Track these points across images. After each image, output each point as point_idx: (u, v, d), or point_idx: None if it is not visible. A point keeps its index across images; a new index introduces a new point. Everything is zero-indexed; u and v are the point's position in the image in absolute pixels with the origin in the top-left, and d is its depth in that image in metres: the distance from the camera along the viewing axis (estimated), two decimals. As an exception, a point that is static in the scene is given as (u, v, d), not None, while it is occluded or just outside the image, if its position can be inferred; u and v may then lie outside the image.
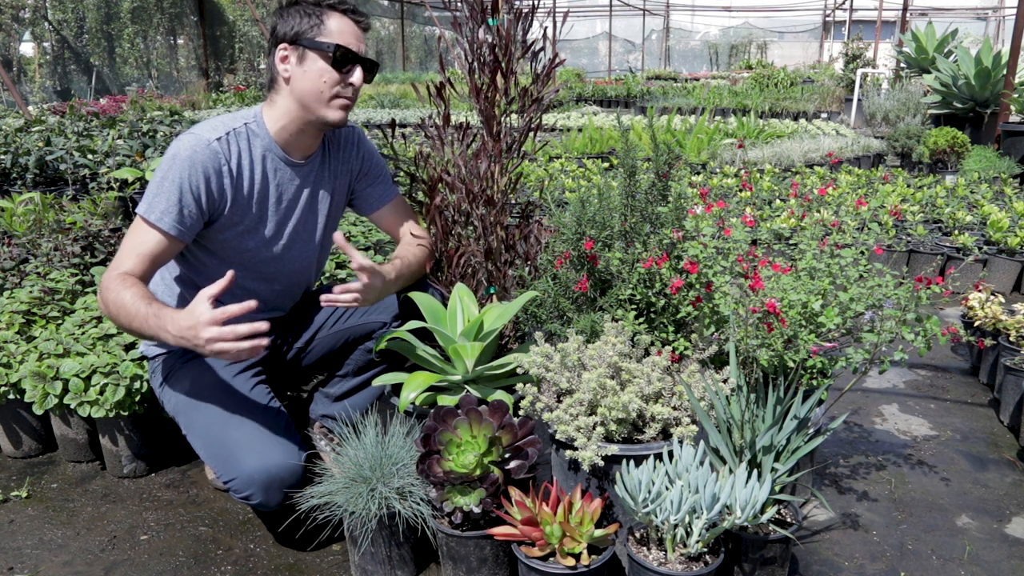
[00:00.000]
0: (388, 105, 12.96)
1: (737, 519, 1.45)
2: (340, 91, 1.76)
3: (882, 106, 9.14)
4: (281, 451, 1.69)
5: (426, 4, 21.54)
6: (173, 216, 1.68)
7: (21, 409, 2.21)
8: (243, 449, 1.67)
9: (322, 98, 1.76)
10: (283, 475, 1.67)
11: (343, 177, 2.01)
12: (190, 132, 1.75)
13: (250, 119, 1.82)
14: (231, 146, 1.77)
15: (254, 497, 1.67)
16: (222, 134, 1.76)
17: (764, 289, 1.72)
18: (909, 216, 4.32)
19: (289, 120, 1.81)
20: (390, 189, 2.09)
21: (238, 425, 1.72)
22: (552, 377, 1.69)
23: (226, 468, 1.68)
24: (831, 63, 19.94)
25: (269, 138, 1.82)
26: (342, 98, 1.78)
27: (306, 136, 1.85)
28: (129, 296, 1.58)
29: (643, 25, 28.05)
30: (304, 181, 1.91)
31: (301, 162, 1.89)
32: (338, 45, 1.72)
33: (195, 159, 1.70)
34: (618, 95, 15.82)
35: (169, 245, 1.70)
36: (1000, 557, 1.79)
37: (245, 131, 1.80)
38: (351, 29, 1.76)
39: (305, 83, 1.75)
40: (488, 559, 1.56)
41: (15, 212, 3.41)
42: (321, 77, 1.74)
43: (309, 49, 1.73)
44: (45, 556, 1.82)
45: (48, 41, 14.31)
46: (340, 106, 1.78)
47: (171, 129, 5.92)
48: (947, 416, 2.53)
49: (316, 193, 1.95)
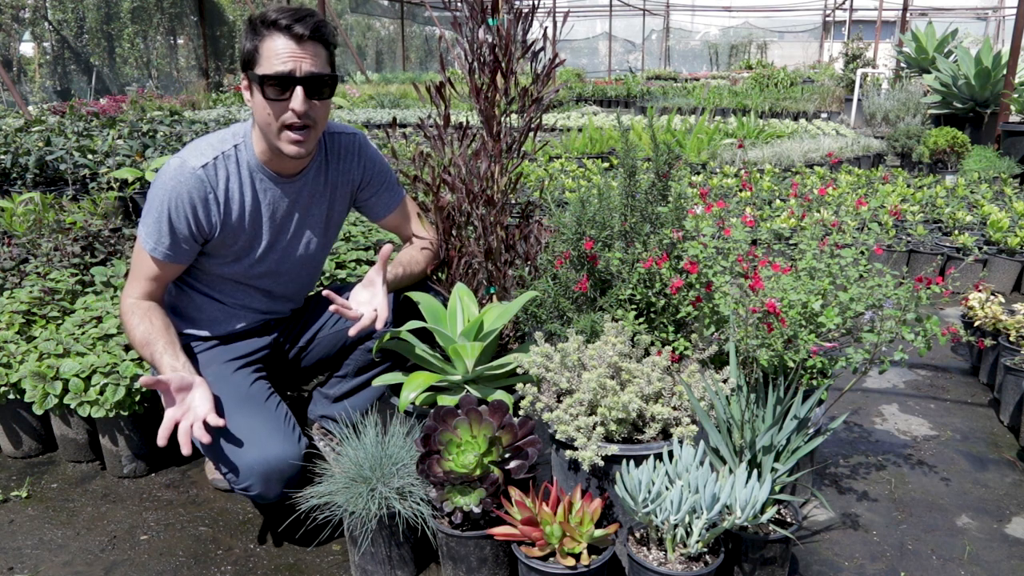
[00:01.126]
0: (388, 105, 12.96)
1: (737, 519, 1.45)
2: (284, 119, 1.66)
3: (882, 106, 9.14)
4: (280, 443, 1.69)
5: (426, 4, 21.54)
6: (165, 246, 1.75)
7: (21, 409, 2.21)
8: (243, 441, 1.68)
9: (271, 129, 1.69)
10: (282, 467, 1.67)
11: (343, 187, 1.96)
12: (178, 156, 1.73)
13: (239, 139, 1.79)
14: (218, 171, 1.75)
15: (253, 488, 1.67)
16: (209, 160, 1.74)
17: (764, 289, 1.72)
18: (909, 216, 4.32)
19: (264, 146, 1.77)
20: (396, 194, 2.06)
21: (238, 418, 1.72)
22: (552, 377, 1.69)
23: (226, 460, 1.68)
24: (831, 63, 19.93)
25: (256, 160, 1.79)
26: (288, 129, 1.68)
27: (284, 160, 1.79)
28: (139, 333, 1.74)
29: (643, 25, 28.04)
30: (297, 196, 1.87)
31: (293, 177, 1.85)
32: (264, 76, 1.63)
33: (180, 189, 1.71)
34: (618, 95, 15.82)
35: (170, 268, 1.79)
36: (1000, 557, 1.79)
37: (234, 153, 1.77)
38: (285, 49, 1.62)
39: (257, 116, 1.71)
40: (488, 559, 1.56)
41: (15, 212, 3.42)
42: (264, 110, 1.67)
43: (252, 82, 1.68)
44: (45, 556, 1.82)
45: (48, 41, 14.31)
46: (289, 140, 1.69)
47: (171, 129, 5.92)
48: (947, 416, 2.53)
49: (310, 206, 1.91)
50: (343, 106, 11.90)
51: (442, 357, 1.90)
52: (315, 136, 1.74)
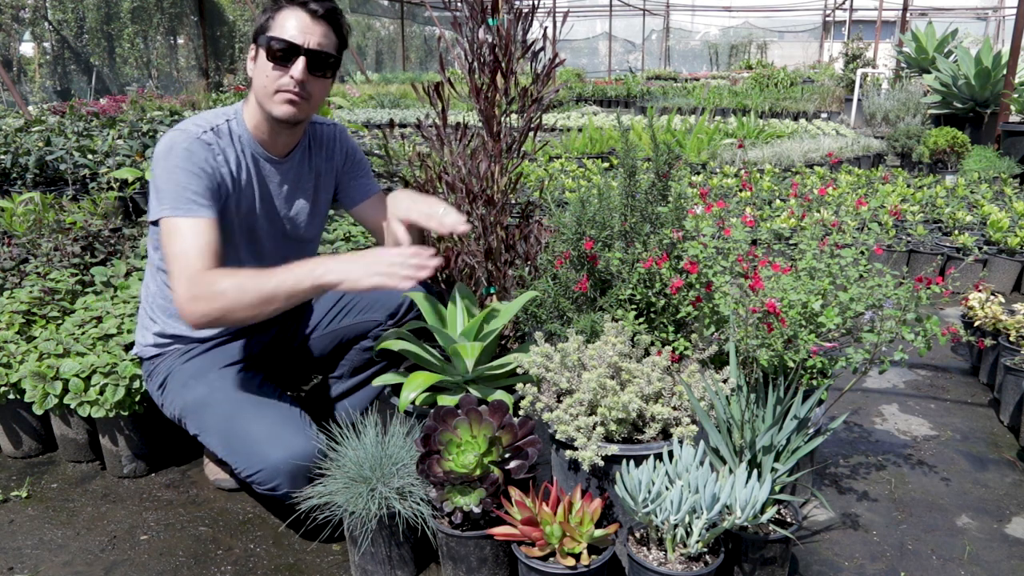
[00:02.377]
0: (388, 105, 12.97)
1: (737, 519, 1.45)
2: (281, 84, 1.72)
3: (882, 106, 9.14)
4: (303, 439, 1.69)
5: (426, 4, 21.54)
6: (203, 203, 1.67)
7: (21, 409, 2.21)
8: (264, 441, 1.67)
9: (267, 92, 1.74)
10: (306, 463, 1.67)
11: (327, 174, 2.01)
12: (177, 129, 1.74)
13: (231, 116, 1.82)
14: (219, 139, 1.77)
15: (281, 487, 1.67)
16: (207, 128, 1.76)
17: (764, 289, 1.72)
18: (909, 216, 4.32)
19: (259, 118, 1.81)
20: (372, 184, 2.09)
21: (254, 418, 1.72)
22: (552, 377, 1.69)
23: (249, 462, 1.68)
24: (831, 63, 19.93)
25: (248, 135, 1.82)
26: (284, 92, 1.73)
27: (279, 134, 1.84)
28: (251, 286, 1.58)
29: (643, 25, 28.05)
30: (284, 178, 1.91)
31: (281, 158, 1.88)
32: (272, 37, 1.69)
33: (192, 149, 1.70)
34: (618, 95, 15.82)
35: (215, 227, 1.68)
36: (1000, 557, 1.79)
37: (227, 127, 1.80)
38: (299, 21, 1.70)
39: (257, 79, 1.75)
40: (488, 559, 1.56)
41: (15, 212, 3.42)
42: (264, 72, 1.73)
43: (259, 46, 1.73)
44: (45, 556, 1.82)
45: (48, 41, 14.31)
46: (283, 100, 1.73)
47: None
48: (947, 416, 2.53)
49: (297, 190, 1.94)
50: (343, 106, 11.90)
51: (442, 357, 1.90)
52: (307, 110, 1.78)
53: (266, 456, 1.66)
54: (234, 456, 1.71)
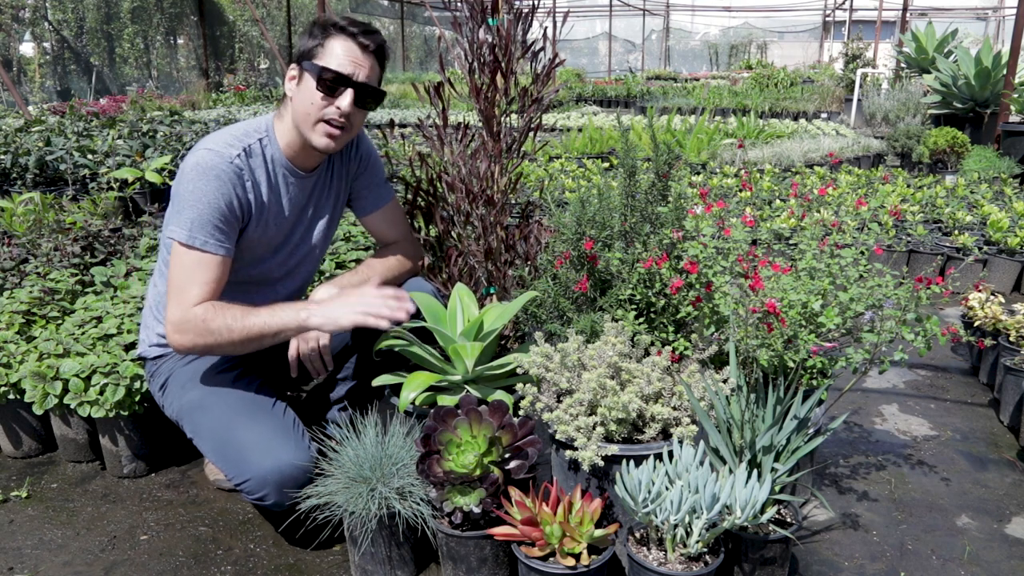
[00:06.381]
0: (388, 105, 12.96)
1: (737, 519, 1.45)
2: (326, 114, 1.74)
3: (882, 106, 9.14)
4: (292, 450, 1.69)
5: (426, 4, 21.54)
6: (219, 239, 1.71)
7: (21, 409, 2.21)
8: (254, 450, 1.67)
9: (308, 119, 1.75)
10: (296, 474, 1.67)
11: (344, 179, 2.03)
12: (209, 149, 1.72)
13: (262, 133, 1.82)
14: (250, 162, 1.78)
15: (268, 498, 1.66)
16: (240, 151, 1.76)
17: (764, 289, 1.72)
18: (909, 216, 4.32)
19: (292, 138, 1.82)
20: (386, 192, 2.09)
21: (247, 426, 1.72)
22: (552, 377, 1.69)
23: (238, 470, 1.67)
24: (831, 63, 19.93)
25: (280, 153, 1.84)
26: (327, 123, 1.75)
27: (311, 156, 1.86)
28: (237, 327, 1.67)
29: (643, 25, 28.03)
30: (311, 191, 1.94)
31: (309, 172, 1.91)
32: (324, 67, 1.70)
33: (223, 178, 1.71)
34: (618, 95, 15.81)
35: (225, 265, 1.74)
36: (1000, 557, 1.79)
37: (259, 147, 1.81)
38: (350, 53, 1.72)
39: (299, 104, 1.76)
40: (488, 559, 1.56)
41: (15, 212, 3.42)
42: (310, 99, 1.73)
43: (306, 71, 1.73)
44: (45, 556, 1.82)
45: (48, 41, 14.32)
46: (324, 132, 1.76)
47: (171, 129, 5.91)
48: (947, 416, 2.53)
49: (320, 201, 1.97)
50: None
51: (442, 357, 1.90)
52: (344, 140, 1.81)
53: (255, 466, 1.65)
54: (225, 463, 1.72)
